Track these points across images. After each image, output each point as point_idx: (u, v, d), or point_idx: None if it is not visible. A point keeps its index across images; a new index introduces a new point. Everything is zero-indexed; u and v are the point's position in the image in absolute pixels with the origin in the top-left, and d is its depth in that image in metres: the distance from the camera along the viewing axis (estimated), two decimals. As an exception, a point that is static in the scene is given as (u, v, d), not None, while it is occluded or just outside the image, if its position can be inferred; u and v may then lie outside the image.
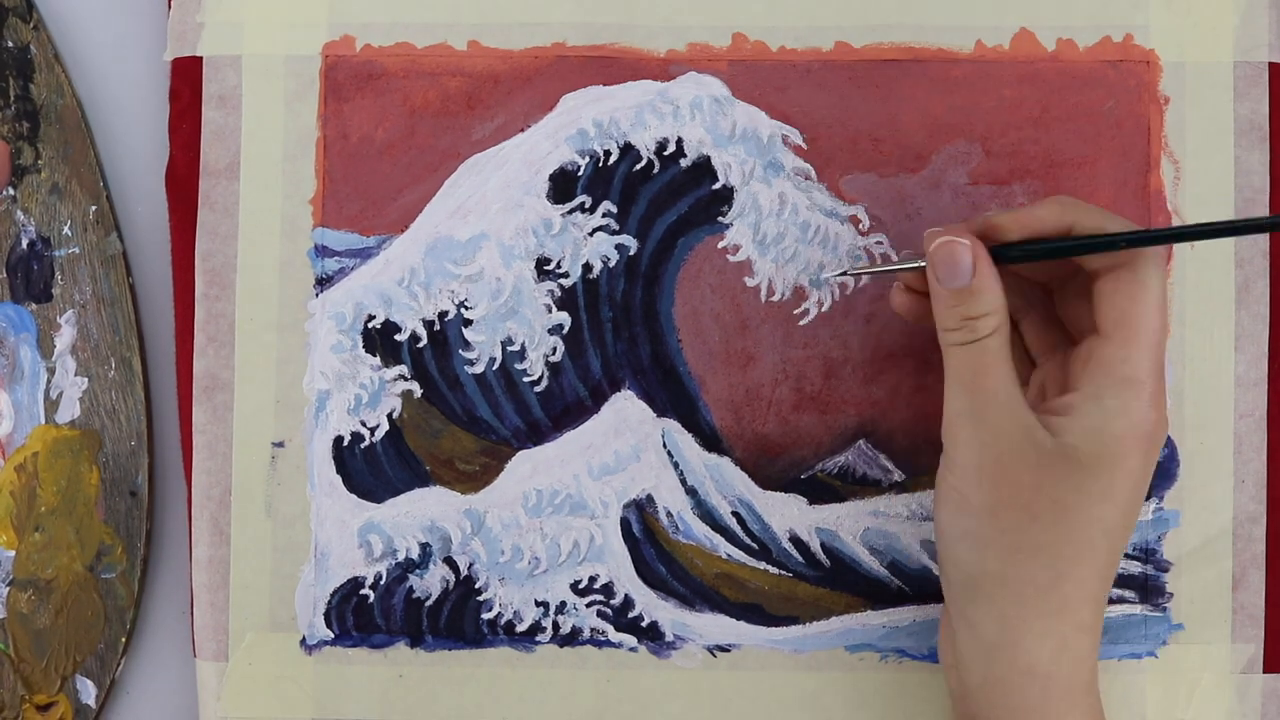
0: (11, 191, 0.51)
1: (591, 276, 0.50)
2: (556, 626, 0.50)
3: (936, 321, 0.43)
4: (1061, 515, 0.41)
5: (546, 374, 0.50)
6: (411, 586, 0.50)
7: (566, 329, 0.50)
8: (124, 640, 0.51)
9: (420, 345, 0.50)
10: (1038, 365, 0.47)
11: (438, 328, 0.50)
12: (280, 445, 0.50)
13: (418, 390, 0.50)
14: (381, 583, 0.50)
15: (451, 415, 0.50)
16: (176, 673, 0.52)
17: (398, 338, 0.50)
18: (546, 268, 0.50)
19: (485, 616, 0.50)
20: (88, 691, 0.51)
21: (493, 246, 0.50)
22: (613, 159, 0.50)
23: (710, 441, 0.50)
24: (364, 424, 0.50)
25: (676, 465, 0.50)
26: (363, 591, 0.50)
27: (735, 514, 0.50)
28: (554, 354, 0.50)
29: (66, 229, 0.51)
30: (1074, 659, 0.42)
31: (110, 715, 0.52)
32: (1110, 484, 0.41)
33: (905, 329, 0.50)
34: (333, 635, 0.50)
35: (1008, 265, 0.43)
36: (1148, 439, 0.42)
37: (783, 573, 0.50)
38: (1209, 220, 0.49)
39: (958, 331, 0.42)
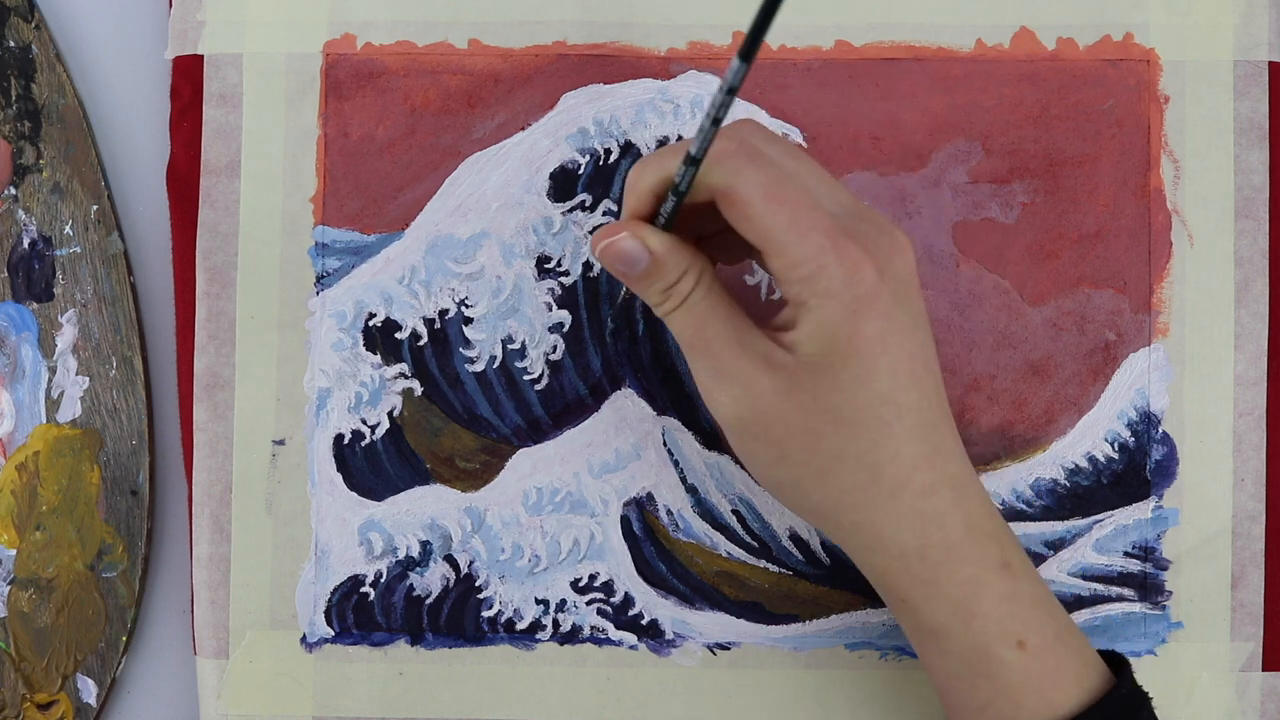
0: (13, 191, 0.51)
1: (592, 275, 0.50)
2: (557, 624, 0.50)
3: (649, 305, 0.43)
4: (839, 418, 0.40)
5: (547, 372, 0.50)
6: (412, 584, 0.50)
7: (567, 327, 0.50)
8: (125, 639, 0.51)
9: (421, 343, 0.50)
10: None
11: (438, 326, 0.50)
12: (281, 443, 0.50)
13: (418, 388, 0.50)
14: (382, 580, 0.50)
15: (452, 413, 0.50)
16: (177, 671, 0.52)
17: (398, 336, 0.50)
18: (547, 266, 0.50)
19: (485, 614, 0.50)
20: (89, 690, 0.51)
21: (493, 245, 0.50)
22: (613, 157, 0.50)
23: (710, 439, 0.50)
24: (364, 422, 0.50)
25: (677, 463, 0.50)
26: (363, 589, 0.50)
27: (735, 512, 0.50)
28: (554, 352, 0.50)
29: (68, 228, 0.51)
30: (937, 523, 0.41)
31: (111, 714, 0.52)
32: (859, 363, 0.40)
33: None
34: (333, 633, 0.50)
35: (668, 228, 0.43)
36: (869, 298, 0.40)
37: (783, 571, 0.50)
38: None
39: (666, 303, 0.42)
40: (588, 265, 0.50)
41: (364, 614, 0.50)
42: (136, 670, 0.52)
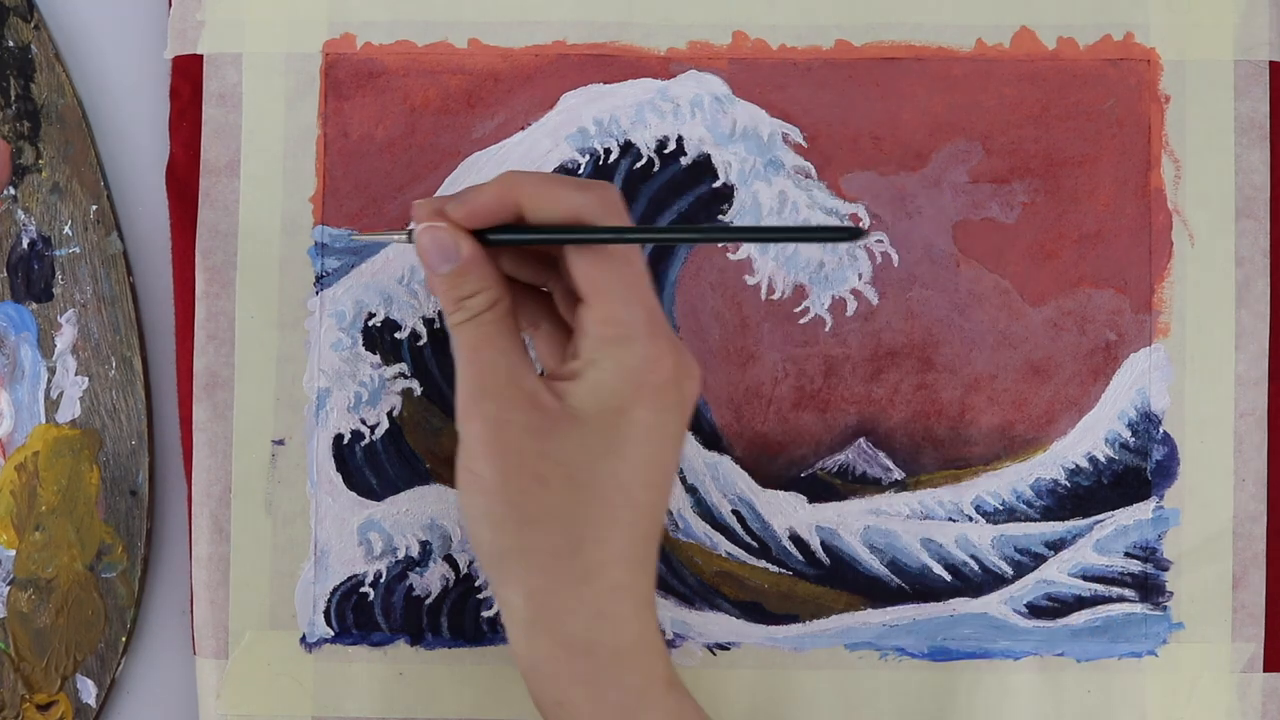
0: (12, 191, 0.51)
1: None
2: None
3: (441, 305, 0.43)
4: (571, 478, 0.41)
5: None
6: (411, 584, 0.50)
7: None
8: (124, 639, 0.51)
9: (420, 343, 0.50)
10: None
11: (438, 325, 0.50)
12: (280, 443, 0.50)
13: (418, 388, 0.50)
14: (381, 581, 0.50)
15: (452, 413, 0.50)
16: (177, 672, 0.52)
17: (398, 335, 0.51)
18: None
19: (485, 614, 0.50)
20: (88, 691, 0.51)
21: None
22: (613, 157, 0.51)
23: (710, 439, 0.50)
24: (364, 422, 0.50)
25: None
26: (363, 589, 0.50)
27: (735, 512, 0.50)
28: None
29: (67, 228, 0.51)
30: (614, 624, 0.41)
31: (111, 714, 0.52)
32: (616, 439, 0.41)
33: (906, 328, 0.50)
34: (333, 633, 0.50)
35: (492, 246, 0.43)
36: (654, 390, 0.41)
37: (782, 571, 0.50)
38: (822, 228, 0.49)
39: (456, 312, 0.42)
40: (587, 265, 0.51)
41: (364, 614, 0.50)
42: (136, 671, 0.52)
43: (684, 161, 0.51)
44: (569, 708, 0.42)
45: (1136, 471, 0.50)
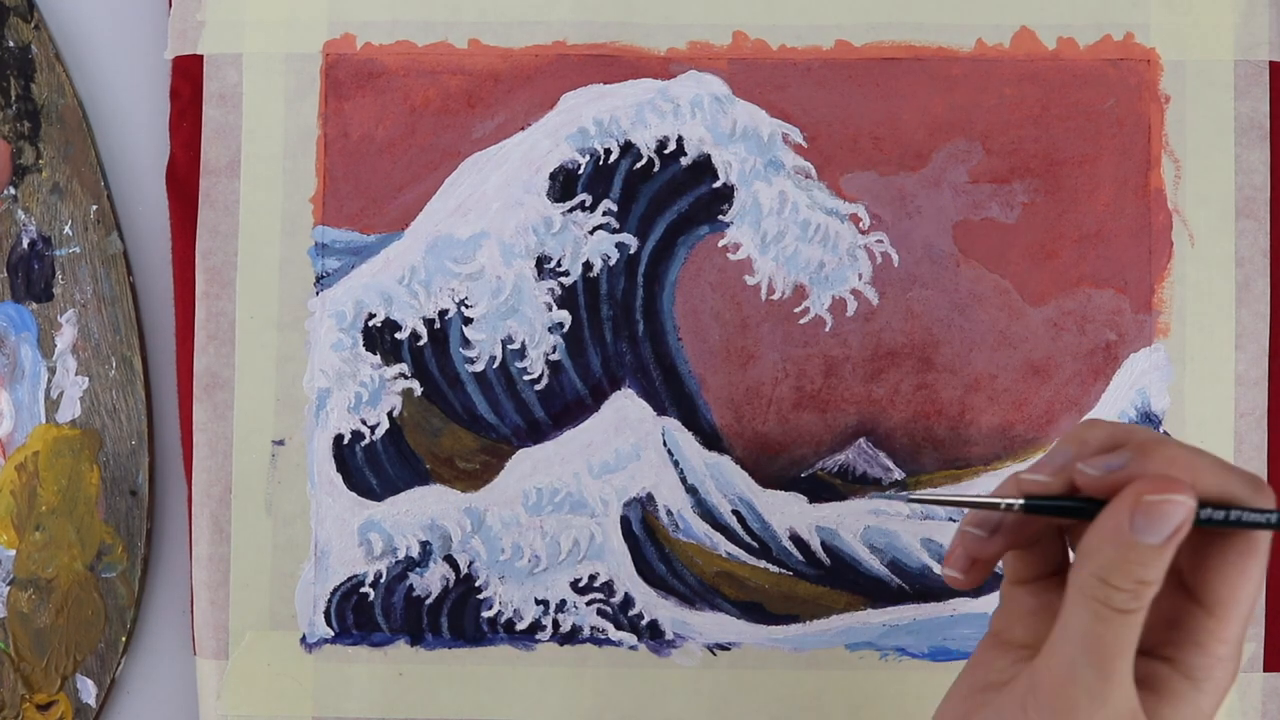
0: (12, 191, 0.52)
1: (592, 275, 0.51)
2: (556, 625, 0.50)
3: (1096, 576, 0.36)
4: None
5: (547, 372, 0.51)
6: (411, 585, 0.50)
7: (567, 327, 0.51)
8: (124, 639, 0.51)
9: (420, 343, 0.51)
10: None
11: (438, 326, 0.51)
12: (280, 443, 0.50)
13: (418, 388, 0.51)
14: (382, 581, 0.50)
15: (452, 413, 0.51)
16: (177, 672, 0.52)
17: (398, 336, 0.51)
18: (547, 266, 0.51)
19: (485, 615, 0.50)
20: (88, 691, 0.51)
21: (493, 245, 0.51)
22: (613, 157, 0.51)
23: (710, 440, 0.50)
24: (364, 422, 0.51)
25: (677, 464, 0.50)
26: (363, 590, 0.50)
27: (735, 512, 0.50)
28: (554, 352, 0.51)
29: (67, 228, 0.52)
30: None
31: (110, 714, 0.52)
32: None
33: (906, 328, 0.50)
34: (333, 633, 0.50)
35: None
36: (1223, 695, 0.38)
37: (783, 571, 0.50)
38: None
39: (1124, 594, 0.36)
40: (587, 265, 0.51)
41: (364, 614, 0.50)
42: (136, 671, 0.52)
43: (684, 162, 0.51)
44: None
45: (1136, 471, 0.50)
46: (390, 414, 0.51)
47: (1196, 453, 0.37)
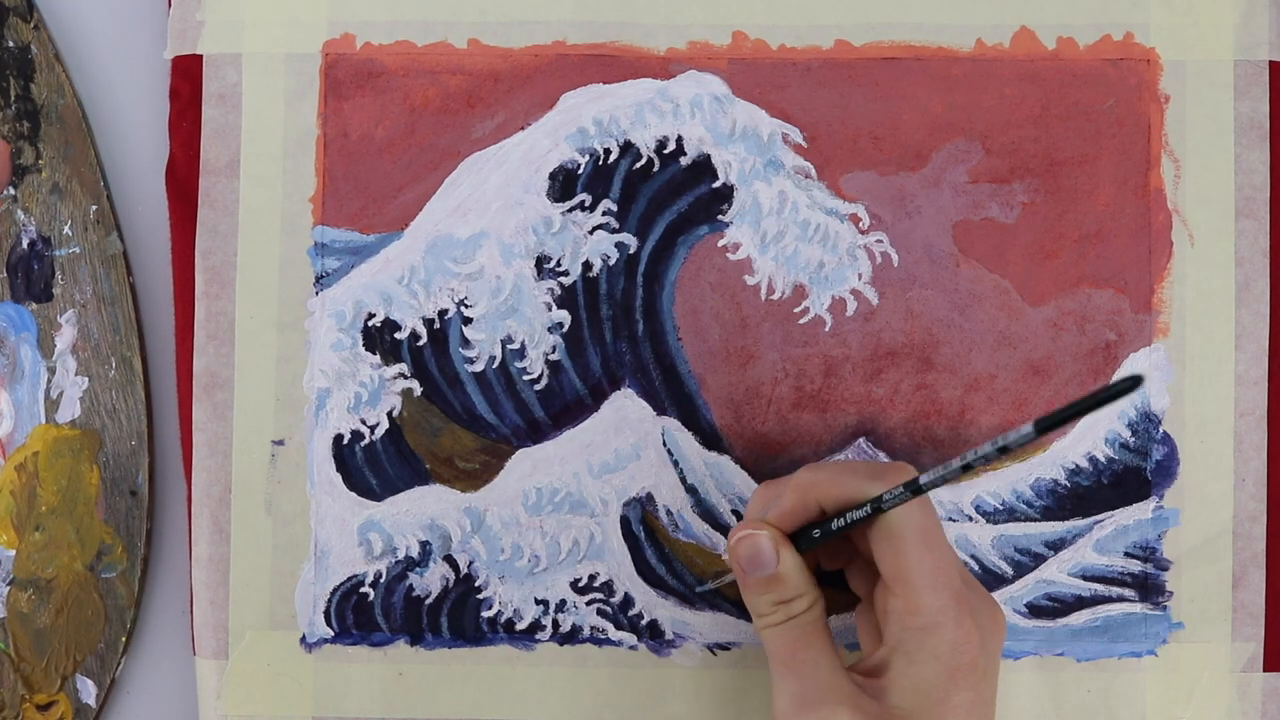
0: (12, 191, 0.52)
1: (591, 275, 0.51)
2: (556, 624, 0.51)
3: (750, 610, 0.44)
4: None
5: (546, 372, 0.51)
6: (411, 585, 0.51)
7: (566, 327, 0.51)
8: (124, 640, 0.52)
9: (420, 343, 0.51)
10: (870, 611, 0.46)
11: (438, 326, 0.51)
12: (280, 443, 0.51)
13: (417, 388, 0.51)
14: (381, 581, 0.51)
15: (451, 413, 0.51)
16: (177, 672, 0.53)
17: (398, 336, 0.51)
18: (546, 266, 0.51)
19: (485, 615, 0.51)
20: (88, 691, 0.51)
21: (493, 245, 0.51)
22: (613, 157, 0.51)
23: (710, 440, 0.51)
24: (364, 422, 0.51)
25: (676, 463, 0.51)
26: (363, 589, 0.51)
27: (735, 512, 0.51)
28: (554, 352, 0.51)
29: (67, 228, 0.52)
30: None
31: (110, 715, 0.53)
32: None
33: (905, 327, 0.51)
34: (333, 633, 0.51)
35: (805, 549, 0.44)
36: (968, 669, 0.42)
37: (782, 571, 0.51)
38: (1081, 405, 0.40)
39: (772, 615, 0.44)
40: (587, 265, 0.51)
41: (364, 614, 0.51)
42: (136, 671, 0.53)
43: (684, 161, 0.51)
44: None
45: (1136, 471, 0.51)
46: (390, 414, 0.51)
47: (822, 469, 0.44)
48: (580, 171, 0.51)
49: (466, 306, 0.51)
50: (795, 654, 0.43)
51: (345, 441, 0.51)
